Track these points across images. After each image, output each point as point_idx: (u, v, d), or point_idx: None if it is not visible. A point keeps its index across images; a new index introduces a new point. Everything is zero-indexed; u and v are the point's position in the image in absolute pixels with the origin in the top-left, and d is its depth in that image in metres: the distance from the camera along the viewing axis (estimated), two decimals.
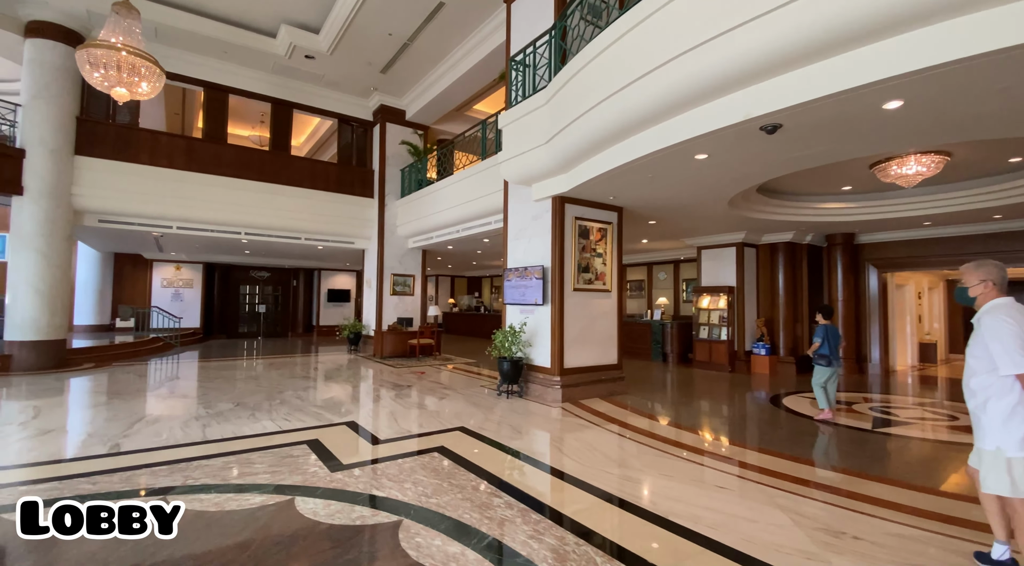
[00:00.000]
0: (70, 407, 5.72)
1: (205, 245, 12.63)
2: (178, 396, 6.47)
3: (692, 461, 4.04)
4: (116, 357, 10.19)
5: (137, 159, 9.51)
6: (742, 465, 3.94)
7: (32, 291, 8.39)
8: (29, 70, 8.48)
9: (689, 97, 3.83)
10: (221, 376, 8.20)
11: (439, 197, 10.08)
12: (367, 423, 5.07)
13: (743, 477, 3.66)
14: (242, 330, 17.34)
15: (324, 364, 10.03)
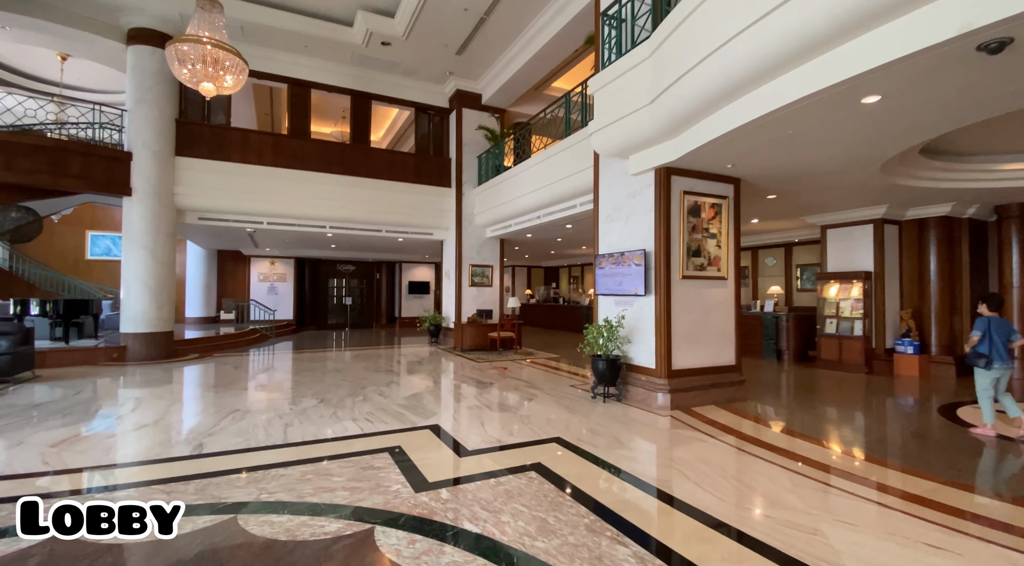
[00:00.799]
0: (167, 400, 5.81)
1: (294, 240, 13.04)
2: (267, 389, 6.44)
3: (873, 501, 3.06)
4: (217, 348, 10.73)
5: (230, 157, 9.82)
6: (948, 510, 2.90)
7: (142, 286, 8.92)
8: (132, 77, 8.96)
9: (875, 9, 2.80)
10: (309, 368, 8.22)
11: (518, 182, 9.46)
12: (452, 428, 4.56)
13: (958, 529, 2.64)
14: (331, 321, 18.01)
15: (406, 357, 9.85)
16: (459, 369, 8.15)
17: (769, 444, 4.15)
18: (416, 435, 4.36)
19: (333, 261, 17.97)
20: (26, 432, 4.32)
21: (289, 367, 8.53)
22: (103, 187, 8.61)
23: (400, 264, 18.66)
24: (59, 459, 3.61)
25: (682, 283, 5.48)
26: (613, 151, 5.62)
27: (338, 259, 17.87)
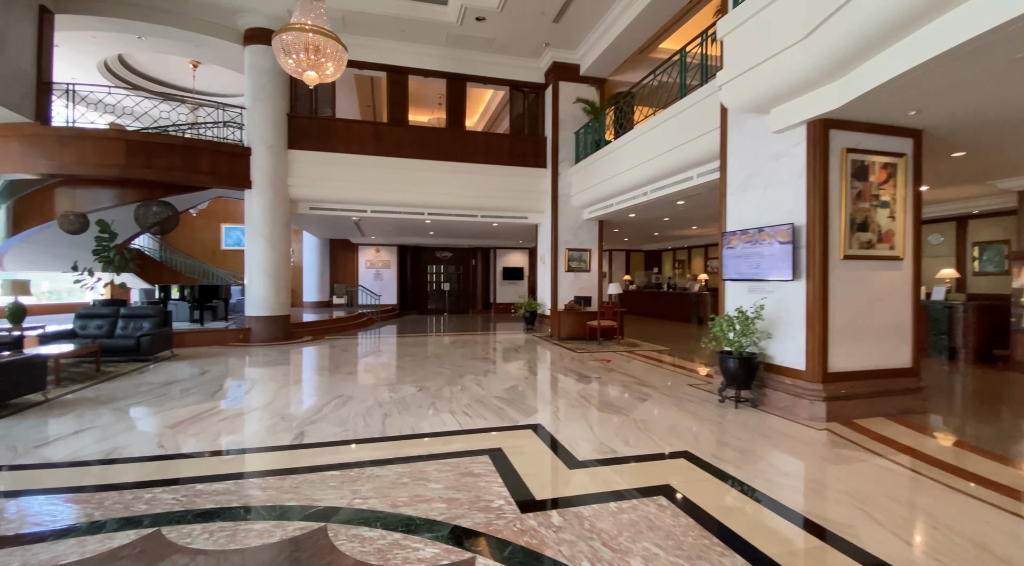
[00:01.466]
0: (279, 382, 5.99)
1: (396, 227, 13.36)
2: (369, 374, 6.43)
3: None
4: (329, 331, 11.30)
5: (336, 148, 10.13)
6: None
7: (262, 273, 9.54)
8: (249, 76, 9.51)
9: None
10: (410, 353, 8.22)
11: (621, 156, 8.59)
12: (557, 430, 4.04)
13: None
14: (430, 307, 18.49)
15: (502, 344, 9.55)
16: (557, 360, 7.62)
17: (964, 471, 3.07)
18: (517, 436, 3.90)
19: (432, 248, 18.35)
20: (152, 411, 4.57)
21: (391, 351, 8.63)
22: (227, 181, 9.28)
23: (495, 250, 18.56)
24: (173, 442, 3.68)
25: (843, 265, 4.39)
26: (749, 105, 4.64)
27: (436, 246, 18.21)
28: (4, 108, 7.43)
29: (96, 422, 4.19)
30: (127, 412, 4.51)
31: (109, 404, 4.79)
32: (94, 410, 4.55)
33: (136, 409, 4.62)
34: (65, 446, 3.58)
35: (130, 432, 3.94)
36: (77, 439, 3.74)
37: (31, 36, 7.98)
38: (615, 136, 9.21)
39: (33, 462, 3.27)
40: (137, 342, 7.04)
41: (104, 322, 7.40)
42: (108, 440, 3.72)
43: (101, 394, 5.20)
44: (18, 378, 4.55)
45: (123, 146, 8.41)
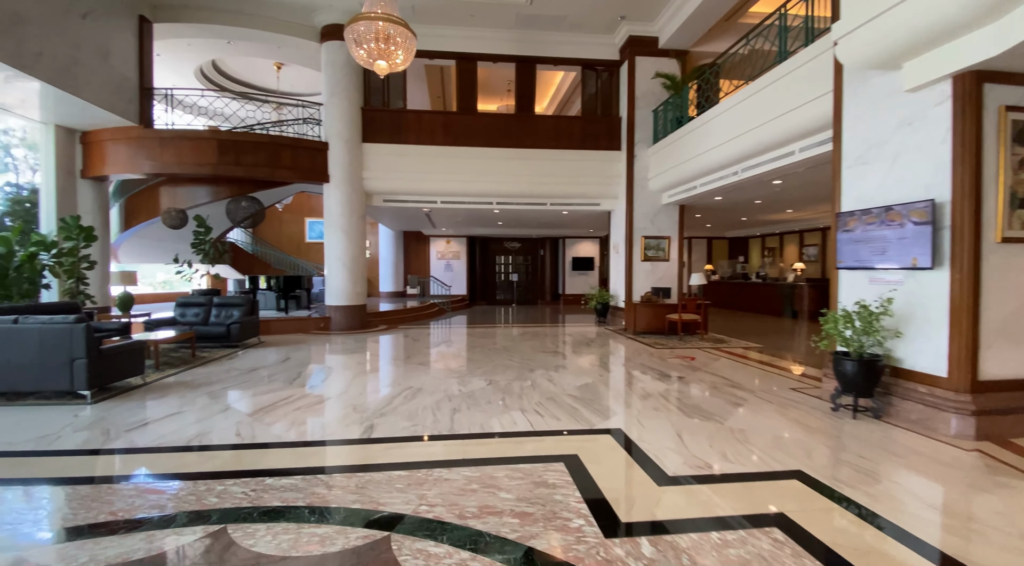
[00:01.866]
0: (353, 371, 6.06)
1: (465, 218, 13.35)
2: (440, 365, 6.35)
3: None
4: (402, 320, 11.52)
5: (407, 140, 10.19)
6: None
7: (340, 264, 9.85)
8: (325, 72, 9.76)
9: None
10: (479, 345, 8.09)
11: (708, 132, 7.83)
12: (640, 437, 3.63)
13: None
14: (499, 297, 18.46)
15: (573, 337, 9.16)
16: (634, 356, 7.12)
17: None
18: (594, 441, 3.55)
19: (500, 238, 18.26)
20: (235, 397, 4.73)
21: (461, 342, 8.56)
22: (308, 176, 9.64)
23: (564, 240, 18.10)
24: (249, 431, 3.73)
25: (999, 249, 3.55)
26: (874, 59, 3.88)
27: (505, 236, 18.09)
28: (112, 113, 8.14)
29: (184, 407, 4.39)
30: (213, 397, 4.70)
31: (199, 389, 5.04)
32: (184, 395, 4.80)
33: (221, 395, 4.81)
34: (153, 431, 3.73)
35: (213, 418, 4.06)
36: (165, 424, 3.90)
37: (132, 46, 8.67)
38: (698, 111, 8.43)
39: (121, 446, 3.41)
40: (227, 329, 7.48)
41: (200, 310, 7.95)
42: (192, 426, 3.85)
43: (193, 379, 5.51)
44: (121, 363, 4.89)
45: (215, 145, 8.96)
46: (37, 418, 4.01)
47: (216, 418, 4.06)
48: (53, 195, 8.67)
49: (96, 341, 4.58)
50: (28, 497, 2.66)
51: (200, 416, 4.12)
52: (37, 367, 4.40)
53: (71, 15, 7.25)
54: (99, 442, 3.49)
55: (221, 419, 4.03)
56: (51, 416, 4.06)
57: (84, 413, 4.14)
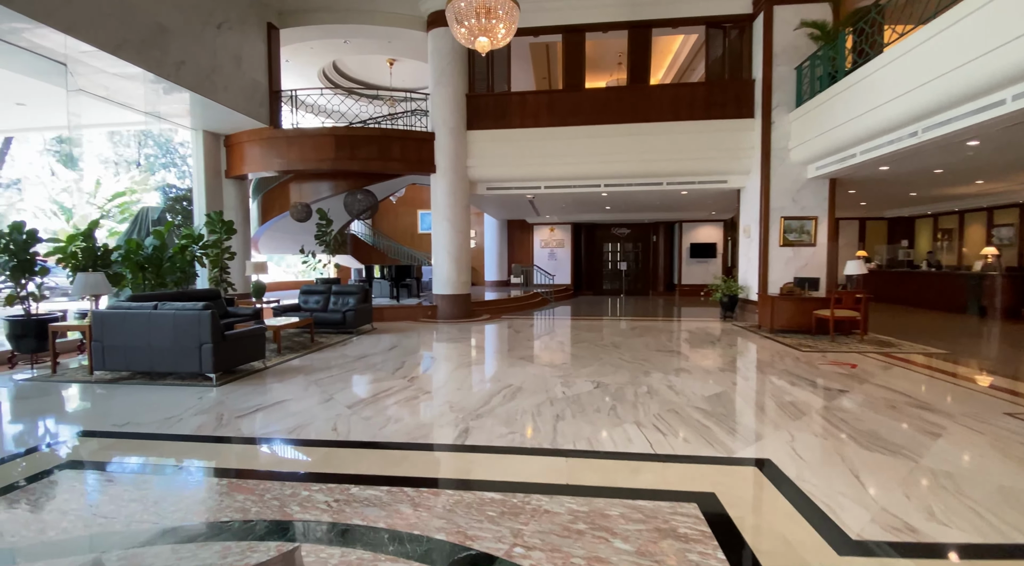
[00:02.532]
0: (454, 363, 5.85)
1: (571, 203, 12.71)
2: (542, 361, 5.87)
3: None
4: (505, 310, 11.30)
5: (510, 124, 9.82)
6: None
7: (446, 254, 9.84)
8: (432, 60, 9.72)
9: None
10: (585, 339, 7.47)
11: (872, 86, 6.29)
12: (800, 475, 2.78)
13: None
14: (605, 287, 17.56)
15: (694, 334, 8.11)
16: (774, 360, 5.98)
17: None
18: (736, 475, 2.79)
19: (608, 225, 17.30)
20: (339, 387, 4.70)
21: (566, 335, 8.01)
22: (416, 167, 9.72)
23: (680, 224, 16.57)
24: (345, 426, 3.57)
25: None
26: None
27: (612, 222, 17.09)
28: (246, 116, 8.86)
29: (292, 394, 4.44)
30: (320, 386, 4.72)
31: (309, 375, 5.14)
32: (294, 382, 4.90)
33: (327, 383, 4.83)
34: (260, 420, 3.75)
35: (315, 409, 4.01)
36: (271, 413, 3.92)
37: (262, 52, 9.35)
38: (853, 64, 6.83)
39: (227, 434, 3.43)
40: (343, 316, 7.77)
41: (320, 298, 8.39)
42: (295, 416, 3.81)
43: (307, 364, 5.68)
44: (244, 348, 5.15)
45: (332, 141, 9.39)
46: (168, 399, 4.30)
47: (317, 409, 4.01)
48: (203, 193, 9.75)
49: (221, 327, 4.83)
50: (118, 487, 2.68)
51: (305, 405, 4.10)
52: (172, 350, 4.75)
53: (208, 26, 7.95)
54: (211, 428, 3.56)
55: (322, 410, 3.96)
56: (180, 397, 4.33)
57: (207, 396, 4.36)
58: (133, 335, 4.79)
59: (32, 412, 4.06)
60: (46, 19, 5.48)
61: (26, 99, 9.30)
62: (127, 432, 3.50)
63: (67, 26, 5.70)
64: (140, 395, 4.43)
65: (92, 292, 5.43)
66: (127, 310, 4.82)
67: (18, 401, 4.38)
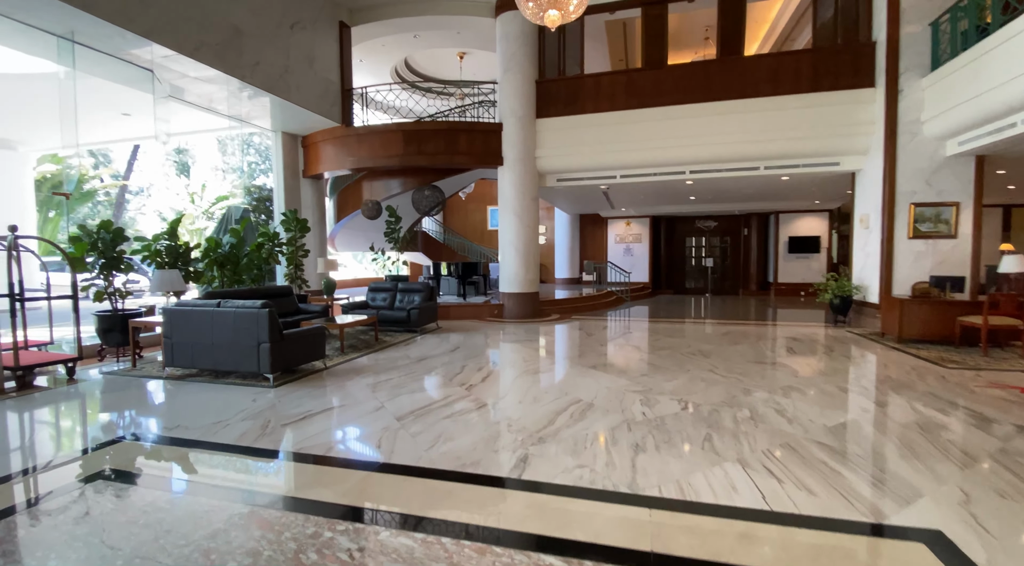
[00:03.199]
0: (517, 369, 5.34)
1: (650, 194, 11.73)
2: (617, 369, 5.18)
3: None
4: (576, 309, 10.62)
5: (583, 109, 9.14)
6: None
7: (513, 250, 9.37)
8: (500, 47, 9.25)
9: None
10: (667, 345, 6.64)
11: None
12: (994, 562, 1.92)
13: None
14: (688, 286, 16.23)
15: (800, 342, 6.96)
16: (912, 379, 4.81)
17: None
18: (896, 555, 1.99)
19: (691, 217, 15.95)
20: (393, 393, 4.35)
21: (643, 340, 7.21)
22: (482, 159, 9.34)
23: (776, 216, 14.85)
24: (390, 442, 3.17)
25: None
26: None
27: (697, 214, 15.72)
28: (318, 115, 8.95)
29: (344, 400, 4.16)
30: (373, 391, 4.41)
31: (366, 377, 4.87)
32: (349, 385, 4.64)
33: (382, 388, 4.51)
34: (305, 429, 3.46)
35: (364, 418, 3.68)
36: (318, 421, 3.63)
37: (334, 50, 9.40)
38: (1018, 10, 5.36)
39: (268, 446, 3.15)
40: (408, 314, 7.56)
41: (387, 295, 8.26)
42: (342, 427, 3.50)
43: (366, 366, 5.44)
44: (302, 347, 4.99)
45: (400, 137, 9.25)
46: (225, 399, 4.18)
47: (367, 418, 3.67)
48: (282, 193, 10.05)
49: (279, 326, 4.68)
50: (132, 510, 2.42)
51: (354, 414, 3.79)
52: (233, 349, 4.67)
53: (281, 26, 8.05)
54: (253, 436, 3.32)
55: (371, 420, 3.61)
56: (235, 398, 4.20)
57: (262, 398, 4.19)
58: (197, 333, 4.78)
59: (94, 409, 4.11)
60: (127, 24, 5.68)
61: (130, 109, 10.06)
62: (172, 437, 3.35)
63: (146, 30, 5.89)
64: (200, 394, 4.37)
65: (168, 288, 5.56)
66: (192, 308, 4.82)
67: (82, 397, 4.48)
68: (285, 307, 7.25)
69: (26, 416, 3.86)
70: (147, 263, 6.35)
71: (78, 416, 3.98)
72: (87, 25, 5.54)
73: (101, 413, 4.03)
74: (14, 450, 3.18)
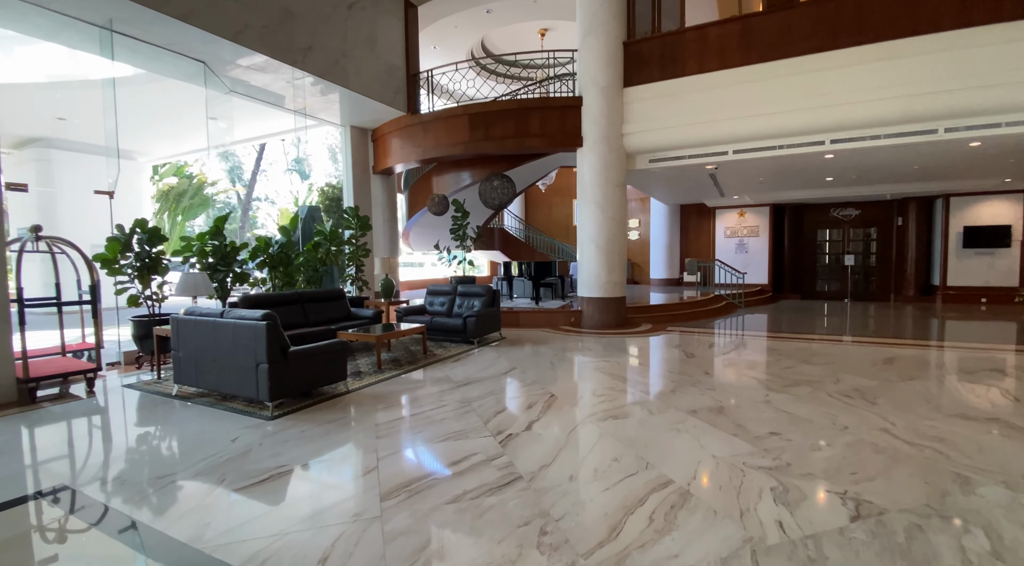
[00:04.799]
0: (581, 411, 3.94)
1: (771, 175, 9.50)
2: (729, 418, 3.55)
3: None
4: (673, 318, 8.82)
5: (683, 71, 7.41)
6: None
7: (593, 246, 7.91)
8: (580, 6, 7.81)
9: None
10: (803, 376, 4.77)
11: None
12: None
13: None
14: (821, 289, 13.38)
15: (1016, 379, 4.66)
16: None
17: None
18: None
19: (825, 204, 13.10)
20: (397, 446, 3.21)
21: (765, 366, 5.37)
22: (557, 141, 7.99)
23: (946, 199, 11.53)
24: (348, 548, 1.98)
25: None
26: None
27: (833, 200, 12.83)
28: (381, 103, 8.23)
29: (337, 446, 3.14)
30: (379, 435, 3.33)
31: (382, 412, 3.82)
32: (355, 426, 3.60)
33: (391, 432, 3.42)
34: (250, 504, 2.43)
35: (340, 489, 2.60)
36: (281, 487, 2.59)
37: (399, 32, 8.63)
38: None
39: (191, 527, 2.14)
40: (463, 323, 6.48)
41: (445, 299, 7.29)
42: (315, 497, 2.43)
43: (392, 391, 4.41)
44: (313, 369, 4.08)
45: (466, 122, 8.23)
46: (210, 432, 3.36)
47: (342, 491, 2.57)
48: (350, 190, 9.56)
49: (282, 343, 3.80)
50: None
51: (331, 479, 2.73)
52: (233, 368, 3.88)
53: (338, 7, 7.39)
54: (193, 501, 2.36)
55: (344, 496, 2.50)
56: (221, 432, 3.37)
57: (248, 436, 3.30)
58: (200, 347, 4.08)
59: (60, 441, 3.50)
60: (162, 7, 5.24)
61: (216, 113, 10.21)
62: (99, 495, 2.51)
63: (184, 13, 5.42)
64: (190, 423, 3.62)
65: (194, 293, 5.02)
66: (196, 318, 4.12)
67: (69, 420, 3.94)
68: (334, 312, 6.56)
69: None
70: (188, 265, 5.96)
71: (33, 448, 3.39)
72: (122, 10, 5.17)
73: (69, 445, 3.40)
74: None
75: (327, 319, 6.38)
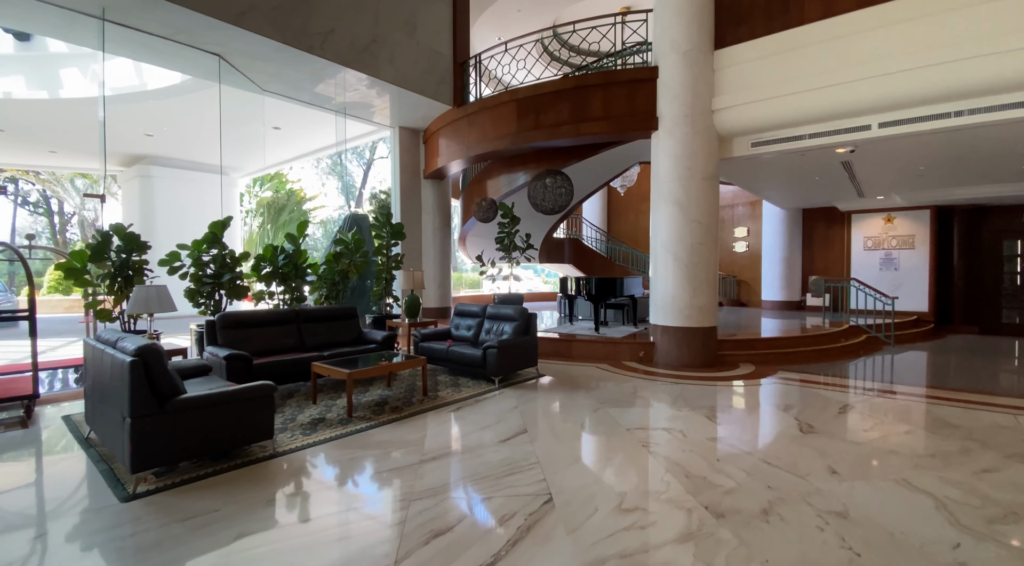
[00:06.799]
0: (581, 556, 2.28)
1: (934, 162, 6.84)
2: None
3: None
4: (787, 357, 6.50)
5: (801, 18, 5.39)
6: None
7: (670, 258, 6.05)
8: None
9: None
10: (1014, 489, 2.61)
11: None
12: None
13: None
14: (1009, 320, 9.80)
15: None
16: None
17: None
18: None
19: (1011, 207, 9.59)
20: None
21: (938, 457, 3.18)
22: (624, 124, 6.32)
23: None
24: None
25: None
26: None
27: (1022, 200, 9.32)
28: (421, 96, 7.23)
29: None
30: (259, 559, 2.02)
31: (284, 510, 2.53)
32: (214, 527, 2.33)
33: (280, 552, 2.09)
34: None
35: None
36: None
37: (446, 15, 7.61)
38: None
39: None
40: (483, 355, 5.04)
41: (473, 323, 5.94)
42: None
43: (327, 459, 3.11)
44: (214, 422, 2.93)
45: (513, 108, 6.91)
46: (40, 508, 2.32)
47: None
48: (398, 195, 8.73)
49: (162, 388, 2.71)
50: None
51: None
52: (108, 419, 2.88)
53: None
54: None
55: None
56: (59, 510, 2.30)
57: (62, 528, 2.20)
58: (93, 385, 3.17)
59: None
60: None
61: (280, 122, 10.06)
62: None
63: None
64: (52, 484, 2.65)
65: (146, 309, 4.23)
66: (95, 344, 3.22)
67: None
68: (340, 334, 5.54)
69: None
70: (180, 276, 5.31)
71: None
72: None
73: None
74: None
75: (329, 342, 5.37)
